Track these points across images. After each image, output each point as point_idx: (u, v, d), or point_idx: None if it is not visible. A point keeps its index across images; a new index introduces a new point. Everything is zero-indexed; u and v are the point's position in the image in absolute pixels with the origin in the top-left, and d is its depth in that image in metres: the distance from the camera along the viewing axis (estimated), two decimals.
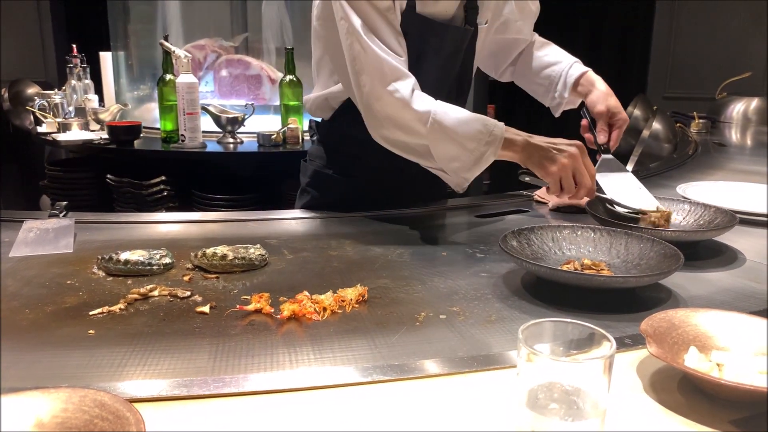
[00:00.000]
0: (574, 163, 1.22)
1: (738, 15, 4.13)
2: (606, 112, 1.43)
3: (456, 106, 1.29)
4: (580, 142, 1.26)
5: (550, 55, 1.60)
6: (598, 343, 0.59)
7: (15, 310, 0.93)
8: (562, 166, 1.22)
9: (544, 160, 1.23)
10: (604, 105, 1.43)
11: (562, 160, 1.22)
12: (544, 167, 1.23)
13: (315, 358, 0.79)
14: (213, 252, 1.09)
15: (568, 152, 1.22)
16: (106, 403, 0.58)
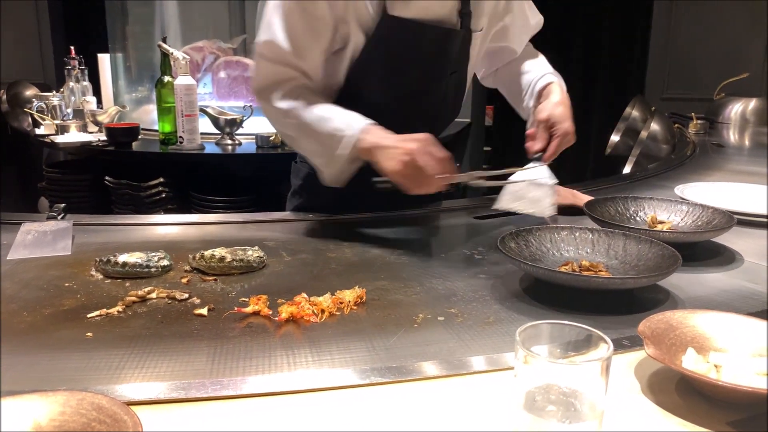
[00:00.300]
0: (414, 158, 1.15)
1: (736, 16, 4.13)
2: (546, 120, 1.35)
3: (330, 106, 1.29)
4: (428, 134, 1.20)
5: (528, 65, 1.55)
6: (596, 345, 0.59)
7: (13, 312, 0.93)
8: (400, 163, 1.16)
9: (385, 160, 1.19)
10: (547, 113, 1.36)
11: (400, 158, 1.16)
12: (385, 167, 1.19)
13: (313, 361, 0.79)
14: (211, 254, 1.09)
15: (405, 148, 1.16)
16: (103, 406, 0.58)
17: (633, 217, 1.36)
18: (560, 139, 1.34)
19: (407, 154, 1.16)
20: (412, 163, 1.16)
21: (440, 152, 1.18)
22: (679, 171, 2.09)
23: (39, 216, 1.38)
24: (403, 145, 1.17)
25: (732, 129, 3.14)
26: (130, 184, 2.83)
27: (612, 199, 1.40)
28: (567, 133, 1.34)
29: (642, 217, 1.35)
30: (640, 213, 1.36)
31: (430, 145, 1.18)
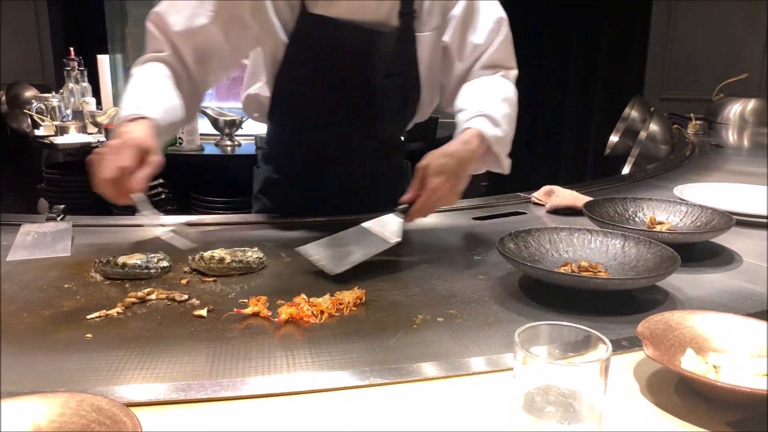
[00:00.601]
0: (105, 152, 1.07)
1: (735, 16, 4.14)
2: (423, 168, 1.16)
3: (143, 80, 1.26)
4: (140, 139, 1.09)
5: (468, 97, 1.35)
6: (595, 346, 0.59)
7: (12, 314, 0.92)
8: (95, 153, 1.08)
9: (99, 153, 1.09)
10: (427, 161, 1.17)
11: (98, 149, 1.09)
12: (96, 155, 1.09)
13: (312, 362, 0.79)
14: (210, 255, 1.09)
15: (107, 143, 1.08)
16: (103, 407, 0.58)
17: (632, 218, 1.36)
18: (427, 195, 1.15)
19: (105, 146, 1.08)
20: (99, 154, 1.07)
21: (126, 159, 1.05)
22: (678, 171, 2.09)
23: (38, 217, 1.38)
24: (112, 140, 1.09)
25: (731, 129, 3.15)
26: None
27: (611, 199, 1.40)
28: (436, 190, 1.14)
29: (641, 218, 1.35)
30: (639, 214, 1.36)
31: (126, 148, 1.06)
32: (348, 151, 1.45)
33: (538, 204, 1.60)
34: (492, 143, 1.25)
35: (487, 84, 1.36)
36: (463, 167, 1.19)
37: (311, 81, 1.34)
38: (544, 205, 1.57)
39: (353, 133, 1.42)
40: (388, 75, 1.35)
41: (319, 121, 1.40)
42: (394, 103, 1.41)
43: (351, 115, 1.38)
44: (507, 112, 1.31)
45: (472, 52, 1.37)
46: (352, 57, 1.32)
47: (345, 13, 1.27)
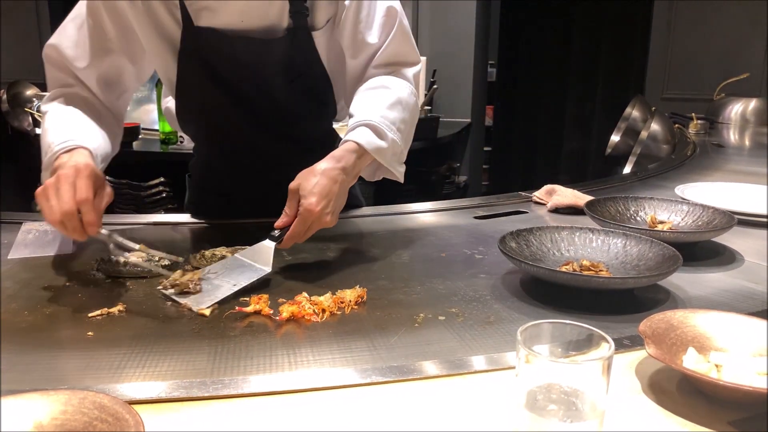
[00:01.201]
0: (56, 183, 0.97)
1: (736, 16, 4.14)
2: (295, 190, 1.09)
3: (65, 115, 1.19)
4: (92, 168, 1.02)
5: (357, 103, 1.25)
6: (597, 345, 0.59)
7: (14, 312, 0.93)
8: (45, 185, 0.99)
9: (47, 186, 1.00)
10: (298, 182, 1.09)
11: (49, 181, 0.99)
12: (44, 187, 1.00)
13: (314, 360, 0.79)
14: (212, 253, 1.09)
15: (57, 174, 0.99)
16: (105, 405, 0.58)
17: (633, 217, 1.36)
18: (301, 219, 1.07)
19: (53, 178, 0.99)
20: (51, 186, 0.98)
21: (83, 190, 0.97)
22: (679, 171, 2.09)
23: (40, 215, 1.38)
24: (60, 170, 1.01)
25: (732, 129, 3.14)
26: (130, 183, 2.84)
27: (612, 198, 1.40)
28: (309, 212, 1.06)
29: (642, 217, 1.35)
30: (641, 213, 1.36)
31: (80, 179, 0.98)
32: (266, 158, 1.40)
33: (539, 203, 1.60)
34: (375, 155, 1.16)
35: (378, 86, 1.26)
36: (336, 185, 1.10)
37: (210, 95, 1.28)
38: (545, 205, 1.57)
39: (269, 140, 1.36)
40: (293, 79, 1.28)
41: (228, 132, 1.35)
42: (306, 104, 1.34)
43: (261, 123, 1.33)
44: (397, 117, 1.21)
45: (364, 49, 1.28)
46: (247, 68, 1.25)
47: (233, 21, 1.20)
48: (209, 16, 1.19)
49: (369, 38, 1.27)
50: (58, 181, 0.97)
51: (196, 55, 1.23)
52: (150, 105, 3.35)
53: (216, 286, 0.99)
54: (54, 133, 1.12)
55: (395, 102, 1.23)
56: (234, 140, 1.36)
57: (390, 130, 1.19)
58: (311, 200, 1.06)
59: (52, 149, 1.09)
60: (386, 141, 1.18)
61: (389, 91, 1.24)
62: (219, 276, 1.02)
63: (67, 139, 1.10)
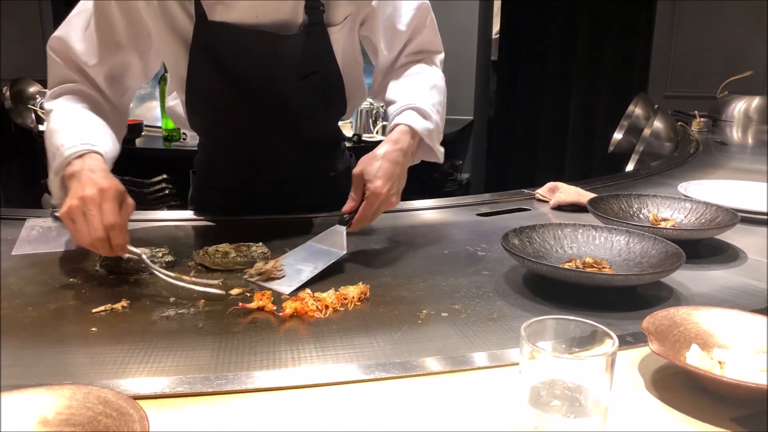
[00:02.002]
0: (83, 206, 0.97)
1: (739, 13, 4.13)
2: (359, 175, 1.15)
3: (75, 114, 1.17)
4: (115, 188, 1.01)
5: (397, 89, 1.31)
6: (600, 341, 0.59)
7: (18, 307, 0.93)
8: (69, 207, 0.98)
9: (69, 195, 1.01)
10: (361, 168, 1.15)
11: (72, 202, 0.98)
12: (63, 205, 1.00)
13: (317, 356, 0.80)
14: (215, 249, 1.09)
15: (81, 195, 0.98)
16: (109, 399, 0.58)
17: (636, 215, 1.36)
18: (369, 202, 1.13)
19: (77, 198, 0.98)
20: (76, 209, 0.97)
21: (111, 214, 0.97)
22: (682, 169, 2.09)
23: (43, 212, 1.39)
24: (83, 188, 0.99)
25: (735, 127, 3.14)
26: (133, 180, 2.84)
27: (615, 196, 1.40)
28: (377, 195, 1.12)
29: (645, 215, 1.35)
30: (644, 210, 1.36)
31: (106, 201, 0.98)
32: (273, 155, 1.40)
33: (542, 200, 1.60)
34: (424, 136, 1.23)
35: (414, 73, 1.34)
36: (398, 167, 1.16)
37: (220, 90, 1.28)
38: (548, 202, 1.57)
39: (275, 137, 1.36)
40: (304, 76, 1.28)
41: (235, 129, 1.35)
42: (316, 102, 1.34)
43: (269, 120, 1.32)
44: (436, 101, 1.29)
45: (398, 40, 1.34)
46: (259, 64, 1.25)
47: (247, 17, 1.19)
48: (223, 10, 1.19)
49: (403, 29, 1.32)
50: (85, 204, 0.96)
51: (207, 50, 1.22)
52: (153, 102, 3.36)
53: (298, 271, 1.04)
54: (64, 135, 1.10)
55: (432, 86, 1.31)
56: (240, 136, 1.36)
57: (432, 111, 1.26)
58: (377, 183, 1.12)
59: (62, 153, 1.06)
60: (432, 122, 1.25)
61: (425, 76, 1.33)
62: (299, 261, 1.07)
63: (79, 142, 1.07)
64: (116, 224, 0.97)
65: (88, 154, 1.06)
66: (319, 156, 1.35)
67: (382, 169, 1.13)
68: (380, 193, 1.12)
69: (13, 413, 0.58)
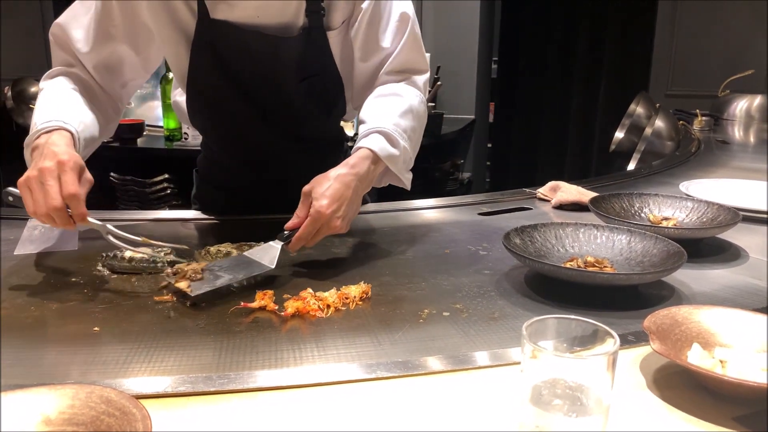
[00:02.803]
0: (41, 177, 0.97)
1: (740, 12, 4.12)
2: (307, 193, 1.09)
3: (57, 94, 1.19)
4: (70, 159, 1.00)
5: (368, 109, 1.25)
6: (602, 340, 0.59)
7: (20, 307, 0.93)
8: (27, 177, 0.99)
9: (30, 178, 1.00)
10: (311, 186, 1.09)
11: (31, 172, 0.99)
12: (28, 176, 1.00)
13: (319, 355, 0.80)
14: (217, 249, 1.09)
15: (40, 166, 0.98)
16: (112, 399, 0.59)
17: (638, 214, 1.36)
18: (311, 220, 1.06)
19: (36, 170, 0.98)
20: (34, 179, 0.98)
21: (70, 185, 0.97)
22: (683, 168, 2.09)
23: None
24: (43, 160, 0.99)
25: (737, 126, 3.14)
26: (135, 180, 2.85)
27: (617, 195, 1.40)
28: (319, 216, 1.06)
29: (647, 214, 1.35)
30: (645, 209, 1.36)
31: (65, 173, 0.97)
32: (274, 155, 1.39)
33: (543, 200, 1.60)
34: (387, 162, 1.18)
35: (390, 93, 1.27)
36: (349, 191, 1.10)
37: (221, 89, 1.28)
38: (549, 201, 1.57)
39: (276, 137, 1.36)
40: (303, 78, 1.28)
41: (236, 128, 1.35)
42: (317, 104, 1.33)
43: (269, 120, 1.33)
44: (408, 126, 1.23)
45: (376, 53, 1.29)
46: (259, 64, 1.25)
47: (249, 16, 1.20)
48: (226, 9, 1.19)
49: (382, 42, 1.28)
50: (42, 175, 0.97)
51: (208, 47, 1.23)
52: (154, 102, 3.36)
53: (216, 277, 1.00)
54: (40, 112, 1.12)
55: (407, 110, 1.24)
56: (240, 135, 1.37)
57: (402, 138, 1.20)
58: (322, 202, 1.06)
59: (34, 128, 1.09)
60: (398, 149, 1.19)
61: (401, 99, 1.25)
62: (223, 269, 1.02)
63: (51, 119, 1.09)
64: (76, 194, 0.97)
65: (57, 130, 1.07)
66: (321, 156, 1.34)
67: (332, 188, 1.08)
68: (324, 213, 1.06)
69: (16, 413, 0.58)
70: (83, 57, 1.26)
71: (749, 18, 4.09)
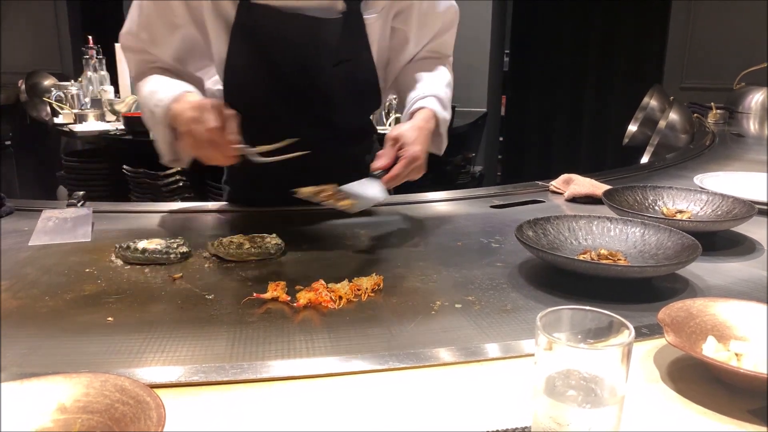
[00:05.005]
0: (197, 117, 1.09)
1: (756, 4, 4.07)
2: (395, 138, 1.20)
3: (165, 81, 1.26)
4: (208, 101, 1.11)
5: (419, 78, 1.39)
6: (616, 331, 0.58)
7: (35, 297, 0.94)
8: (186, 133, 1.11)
9: (185, 134, 1.13)
10: (397, 132, 1.21)
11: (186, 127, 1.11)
12: (184, 139, 1.14)
13: (331, 346, 0.80)
14: (230, 241, 1.09)
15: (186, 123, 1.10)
16: (126, 387, 0.59)
17: (652, 206, 1.35)
18: (406, 161, 1.17)
19: (191, 122, 1.10)
20: (187, 135, 1.11)
21: (212, 121, 1.08)
22: (698, 161, 2.07)
23: (59, 203, 1.40)
24: (186, 117, 1.11)
25: (752, 119, 3.10)
26: (147, 172, 2.86)
27: (631, 188, 1.39)
28: (415, 158, 1.17)
29: (661, 207, 1.34)
30: (659, 202, 1.35)
31: (205, 113, 1.08)
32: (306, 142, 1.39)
33: (556, 192, 1.59)
34: (441, 125, 1.32)
35: (434, 67, 1.42)
36: (428, 142, 1.24)
37: (257, 73, 1.31)
38: (562, 194, 1.56)
39: (308, 124, 1.37)
40: (338, 62, 1.32)
41: (271, 113, 1.37)
42: (350, 90, 1.37)
43: (303, 105, 1.35)
44: (450, 97, 1.38)
45: (427, 36, 1.41)
46: (298, 47, 1.29)
47: (288, 3, 1.24)
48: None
49: (434, 28, 1.41)
50: (199, 110, 1.08)
51: (248, 32, 1.26)
52: None
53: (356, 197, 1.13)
54: (158, 94, 1.20)
55: (448, 84, 1.40)
56: (273, 120, 1.38)
57: (449, 106, 1.36)
58: (417, 148, 1.18)
59: (162, 104, 1.18)
60: (448, 114, 1.35)
61: (443, 74, 1.42)
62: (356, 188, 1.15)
63: (176, 90, 1.19)
64: (218, 127, 1.07)
65: (183, 95, 1.17)
66: (350, 146, 1.36)
67: (421, 138, 1.21)
68: (419, 157, 1.18)
69: (32, 400, 0.59)
70: (159, 52, 1.30)
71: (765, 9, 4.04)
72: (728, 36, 4.18)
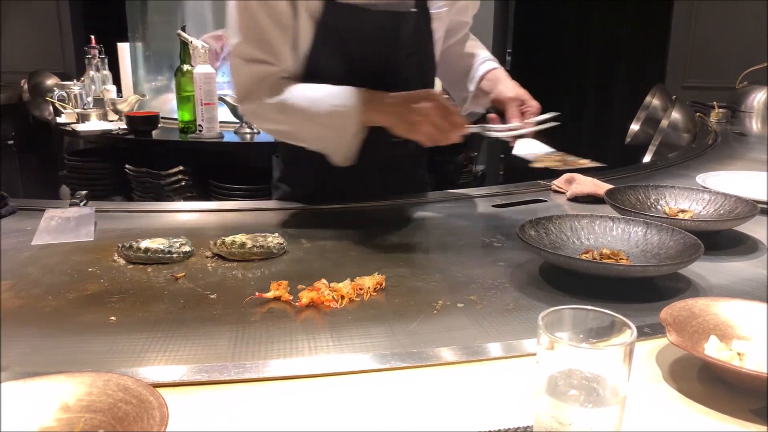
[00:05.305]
0: (426, 120, 1.20)
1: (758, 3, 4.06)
2: (516, 98, 1.37)
3: (319, 86, 1.29)
4: (433, 92, 1.26)
5: (471, 47, 1.57)
6: (619, 331, 0.58)
7: (37, 297, 0.94)
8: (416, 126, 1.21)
9: (398, 127, 1.23)
10: (514, 92, 1.38)
11: (414, 120, 1.20)
12: (401, 132, 1.23)
13: (334, 345, 0.80)
14: (232, 240, 1.09)
15: (419, 110, 1.20)
16: (129, 387, 0.59)
17: (654, 206, 1.34)
18: (537, 110, 1.35)
19: (422, 115, 1.19)
20: (426, 123, 1.19)
21: (448, 107, 1.20)
22: (700, 160, 2.07)
23: (62, 203, 1.40)
24: (413, 107, 1.20)
25: (754, 118, 3.09)
26: (150, 172, 2.86)
27: (633, 187, 1.39)
28: (538, 108, 1.36)
29: (663, 206, 1.34)
30: (661, 201, 1.35)
31: (438, 101, 1.20)
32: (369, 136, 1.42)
33: (558, 192, 1.59)
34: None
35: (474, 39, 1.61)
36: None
37: (336, 69, 1.33)
38: (564, 193, 1.56)
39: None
40: (409, 54, 1.38)
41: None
42: (418, 81, 1.41)
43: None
44: None
45: (462, 28, 1.56)
46: (377, 41, 1.34)
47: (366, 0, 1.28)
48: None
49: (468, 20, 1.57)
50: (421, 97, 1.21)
51: (332, 30, 1.30)
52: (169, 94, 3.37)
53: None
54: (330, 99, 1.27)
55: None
56: None
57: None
58: (535, 101, 1.37)
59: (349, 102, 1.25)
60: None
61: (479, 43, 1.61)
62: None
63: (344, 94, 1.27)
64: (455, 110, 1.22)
65: (363, 95, 1.26)
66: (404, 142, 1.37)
67: (526, 92, 1.39)
68: (538, 106, 1.36)
69: (35, 399, 0.59)
70: (283, 58, 1.30)
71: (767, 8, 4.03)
72: (731, 35, 4.17)
